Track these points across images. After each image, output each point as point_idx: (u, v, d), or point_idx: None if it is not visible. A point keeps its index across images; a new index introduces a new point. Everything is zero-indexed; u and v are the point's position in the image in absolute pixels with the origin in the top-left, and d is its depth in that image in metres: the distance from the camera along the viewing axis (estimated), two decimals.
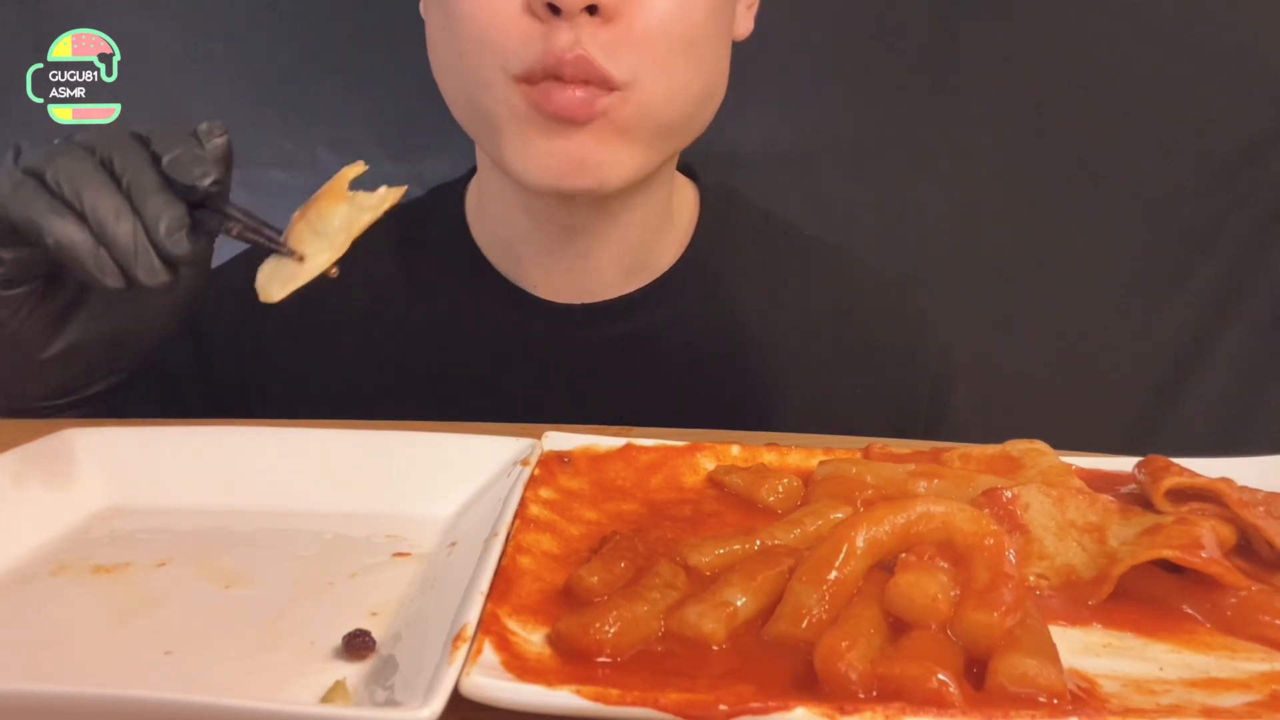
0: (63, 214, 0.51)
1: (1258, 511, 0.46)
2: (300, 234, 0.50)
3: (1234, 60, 1.23)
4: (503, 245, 0.80)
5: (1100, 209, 1.28)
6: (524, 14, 0.64)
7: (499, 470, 0.52)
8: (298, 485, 0.52)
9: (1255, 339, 1.29)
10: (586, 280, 0.78)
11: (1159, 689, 0.36)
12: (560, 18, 0.63)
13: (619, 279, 0.79)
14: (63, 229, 0.50)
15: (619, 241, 0.77)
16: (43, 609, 0.42)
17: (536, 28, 0.64)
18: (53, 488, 0.50)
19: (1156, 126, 1.25)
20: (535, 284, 0.79)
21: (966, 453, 0.54)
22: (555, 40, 0.63)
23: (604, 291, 0.79)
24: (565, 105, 0.64)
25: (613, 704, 0.31)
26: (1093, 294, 1.30)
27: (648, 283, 0.80)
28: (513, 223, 0.78)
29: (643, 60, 0.65)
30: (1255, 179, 1.26)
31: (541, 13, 0.63)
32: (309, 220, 0.50)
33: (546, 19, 0.63)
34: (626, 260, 0.78)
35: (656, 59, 0.66)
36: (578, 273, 0.78)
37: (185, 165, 0.51)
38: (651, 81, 0.66)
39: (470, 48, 0.67)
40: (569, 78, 0.64)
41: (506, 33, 0.65)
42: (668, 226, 0.81)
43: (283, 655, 0.38)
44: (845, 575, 0.39)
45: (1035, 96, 1.25)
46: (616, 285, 0.79)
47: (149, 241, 0.50)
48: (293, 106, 1.26)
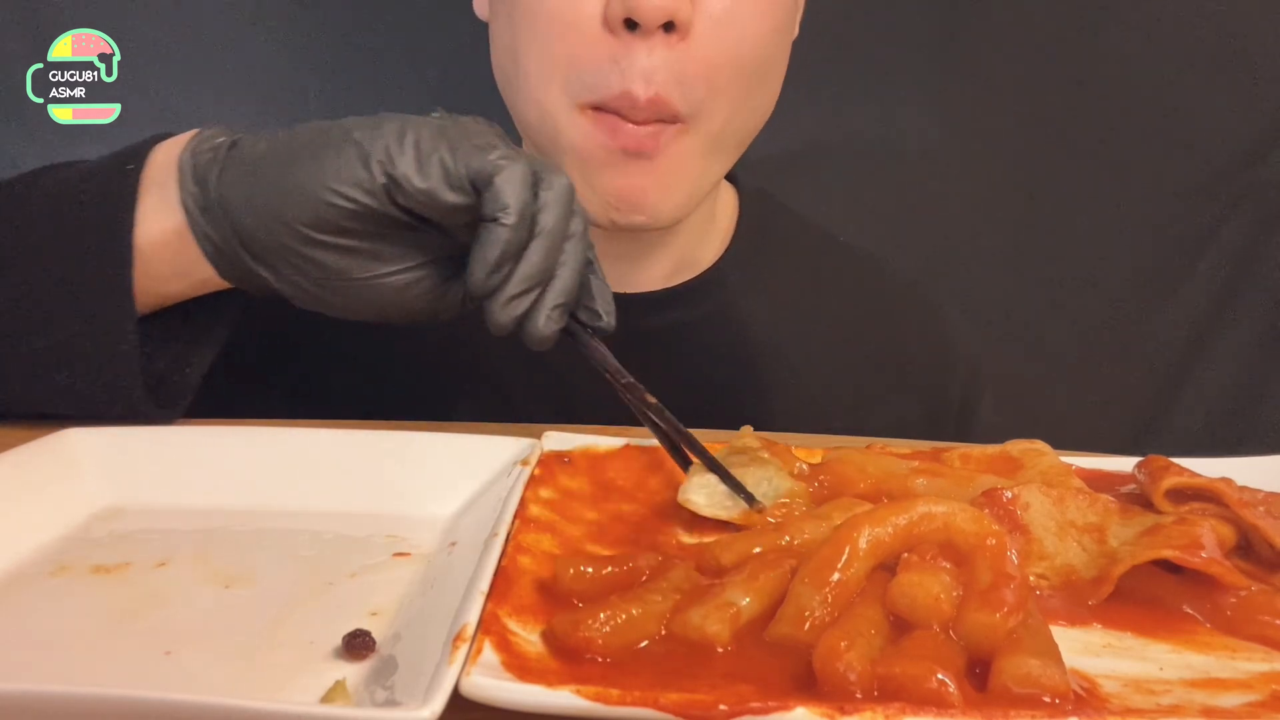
0: (527, 217, 0.49)
1: (1258, 511, 0.46)
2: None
3: (1234, 61, 1.23)
4: None
5: (1100, 209, 1.28)
6: (599, 32, 0.63)
7: (499, 470, 0.52)
8: (298, 485, 0.52)
9: (1255, 339, 1.29)
10: (628, 279, 0.78)
11: (1159, 689, 0.36)
12: (636, 34, 0.62)
13: (660, 279, 0.79)
14: (514, 219, 0.49)
15: (666, 247, 0.78)
16: (43, 609, 0.42)
17: (608, 50, 0.63)
18: (53, 488, 0.50)
19: (1157, 127, 1.25)
20: None
21: (966, 453, 0.54)
22: (632, 67, 0.62)
23: (646, 286, 0.79)
24: (634, 141, 0.64)
25: (613, 704, 0.31)
26: (1093, 294, 1.30)
27: (688, 279, 0.80)
28: None
29: (713, 90, 0.65)
30: (1255, 179, 1.26)
31: (619, 29, 0.62)
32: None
33: (620, 34, 0.62)
34: (669, 264, 0.79)
35: (725, 88, 0.65)
36: (620, 274, 0.78)
37: (603, 294, 0.54)
38: (716, 111, 0.66)
39: (538, 67, 0.66)
40: (641, 118, 0.63)
41: (578, 55, 0.64)
42: (710, 229, 0.81)
43: (283, 655, 0.38)
44: (847, 576, 0.39)
45: (1035, 97, 1.25)
46: (656, 283, 0.79)
47: (532, 299, 0.50)
48: (293, 108, 1.26)
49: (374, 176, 0.50)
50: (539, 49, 0.65)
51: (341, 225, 0.51)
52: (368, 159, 0.50)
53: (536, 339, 0.51)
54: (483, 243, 0.49)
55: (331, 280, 0.53)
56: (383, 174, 0.50)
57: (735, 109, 0.67)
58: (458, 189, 0.50)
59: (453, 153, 0.50)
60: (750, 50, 0.66)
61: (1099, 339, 1.30)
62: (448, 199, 0.50)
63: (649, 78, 0.62)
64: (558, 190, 0.51)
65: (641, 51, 0.62)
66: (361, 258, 0.53)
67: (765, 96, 0.70)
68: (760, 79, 0.68)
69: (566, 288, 0.51)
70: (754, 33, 0.65)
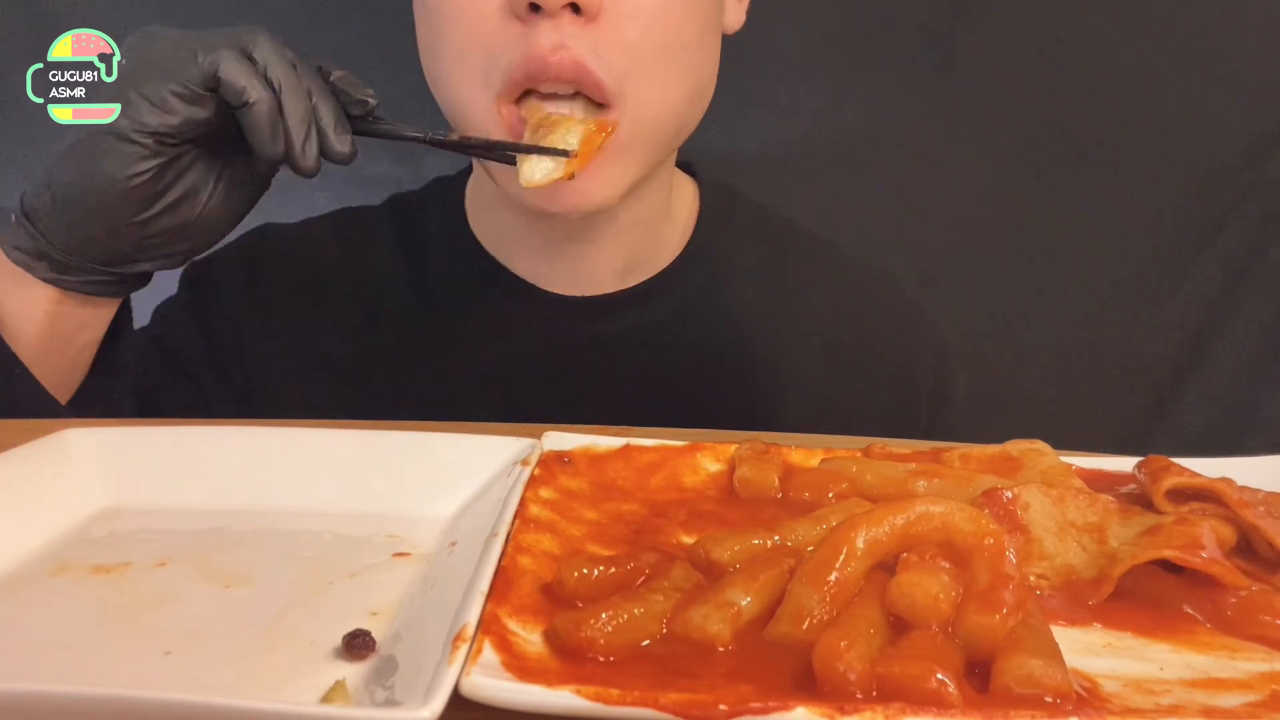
0: (264, 84, 0.58)
1: (1258, 511, 0.46)
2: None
3: (1234, 61, 1.23)
4: (501, 240, 0.80)
5: (1100, 209, 1.28)
6: (504, 18, 0.63)
7: (499, 470, 0.51)
8: (298, 485, 0.52)
9: (1255, 339, 1.29)
10: (585, 276, 0.78)
11: (1159, 689, 0.36)
12: (541, 15, 0.62)
13: (618, 275, 0.79)
14: (260, 93, 0.58)
15: (616, 241, 0.77)
16: (43, 609, 0.42)
17: (516, 30, 0.63)
18: (53, 488, 0.50)
19: (1157, 126, 1.25)
20: (534, 276, 0.79)
21: (966, 453, 0.54)
22: (537, 41, 0.62)
23: (603, 287, 0.79)
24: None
25: (613, 704, 0.31)
26: (1093, 293, 1.30)
27: (648, 278, 0.80)
28: (510, 224, 0.78)
29: (631, 68, 0.64)
30: (1255, 179, 1.26)
31: (521, 11, 0.62)
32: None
33: (527, 18, 0.63)
34: (624, 258, 0.78)
35: (643, 66, 0.65)
36: (576, 269, 0.78)
37: (352, 83, 0.61)
38: (642, 93, 0.65)
39: (452, 61, 0.67)
40: (555, 79, 0.63)
41: (485, 40, 0.64)
42: (666, 224, 0.81)
43: (283, 655, 0.38)
44: (846, 576, 0.39)
45: (1034, 97, 1.25)
46: (615, 281, 0.79)
47: (316, 136, 0.59)
48: None
49: (142, 142, 0.59)
50: (451, 44, 0.67)
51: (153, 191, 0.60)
52: (126, 132, 0.58)
53: (343, 158, 0.60)
54: (250, 127, 0.59)
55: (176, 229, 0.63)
56: (146, 134, 0.59)
57: (660, 87, 0.66)
58: (199, 102, 0.59)
59: (174, 81, 0.58)
60: (665, 29, 0.65)
61: (1099, 339, 1.30)
62: (200, 115, 0.59)
63: (558, 45, 0.63)
64: (263, 45, 0.59)
65: (547, 27, 0.63)
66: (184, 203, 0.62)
67: (690, 79, 0.69)
68: (681, 56, 0.67)
69: (330, 107, 0.60)
70: (666, 12, 0.65)
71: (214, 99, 0.59)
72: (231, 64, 0.58)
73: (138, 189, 0.60)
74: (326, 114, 0.59)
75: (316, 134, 0.59)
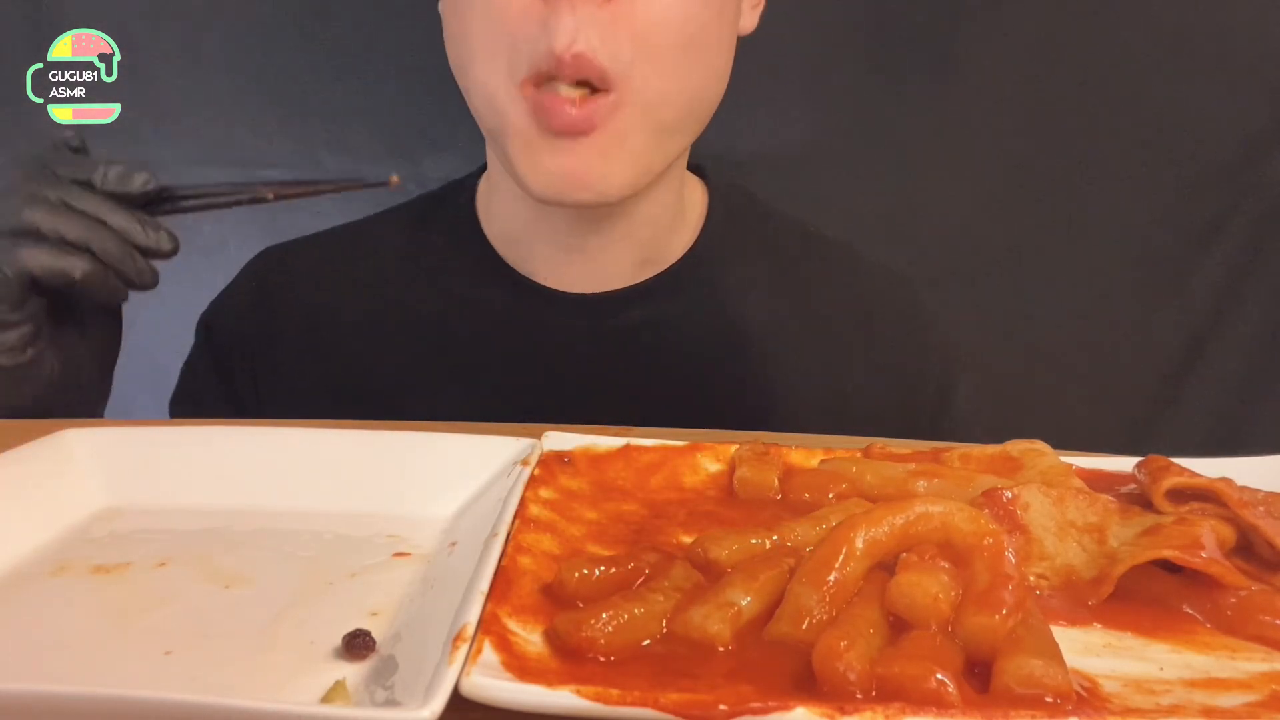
0: (72, 250, 0.60)
1: (1258, 511, 0.46)
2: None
3: (1234, 60, 1.23)
4: (513, 239, 0.80)
5: (1100, 209, 1.28)
6: (531, 2, 0.64)
7: (499, 470, 0.51)
8: (298, 485, 0.52)
9: (1255, 339, 1.29)
10: (596, 274, 0.79)
11: (1159, 689, 0.36)
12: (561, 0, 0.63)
13: (628, 272, 0.79)
14: (76, 262, 0.60)
15: (628, 238, 0.78)
16: (43, 609, 0.42)
17: (538, 16, 0.64)
18: (53, 488, 0.50)
19: (1156, 126, 1.25)
20: (544, 275, 0.79)
21: (966, 453, 0.54)
22: (558, 33, 0.63)
23: (612, 284, 0.79)
24: (565, 123, 0.65)
25: (613, 704, 0.31)
26: (1092, 294, 1.30)
27: (656, 274, 0.80)
28: (523, 220, 0.78)
29: (640, 54, 0.65)
30: (1256, 178, 1.26)
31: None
32: None
33: (551, 2, 0.63)
34: (636, 255, 0.79)
35: (654, 54, 0.65)
36: (588, 267, 0.78)
37: (122, 178, 0.62)
38: (648, 78, 0.66)
39: (483, 48, 0.67)
40: (567, 78, 0.64)
41: (514, 29, 0.65)
42: (678, 223, 0.81)
43: (283, 655, 0.38)
44: (845, 576, 0.39)
45: (1034, 97, 1.25)
46: (625, 278, 0.79)
47: (134, 249, 0.61)
48: (293, 106, 1.26)
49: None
50: (481, 30, 0.67)
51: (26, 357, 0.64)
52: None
53: (170, 252, 0.63)
54: (85, 292, 0.62)
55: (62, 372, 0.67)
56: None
57: (669, 78, 0.67)
58: (29, 301, 0.62)
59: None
60: (679, 14, 0.66)
61: (1099, 339, 1.30)
62: (37, 305, 0.63)
63: (573, 35, 0.63)
64: (38, 207, 0.60)
65: (566, 11, 0.63)
66: (52, 348, 0.66)
67: (700, 71, 0.69)
68: (692, 48, 0.67)
69: (125, 217, 0.61)
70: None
71: (37, 289, 0.62)
72: (35, 254, 0.60)
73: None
74: (131, 227, 0.61)
75: (139, 251, 0.62)
